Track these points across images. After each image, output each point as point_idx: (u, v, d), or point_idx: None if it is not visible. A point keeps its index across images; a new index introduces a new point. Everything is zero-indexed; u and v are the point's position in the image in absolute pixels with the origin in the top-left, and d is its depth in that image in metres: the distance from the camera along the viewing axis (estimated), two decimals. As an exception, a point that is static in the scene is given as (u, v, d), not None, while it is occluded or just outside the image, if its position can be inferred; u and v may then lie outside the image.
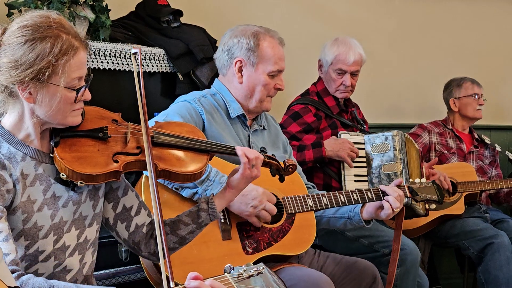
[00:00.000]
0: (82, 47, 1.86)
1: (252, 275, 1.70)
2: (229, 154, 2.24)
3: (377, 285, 2.76)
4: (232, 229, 2.54)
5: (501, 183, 4.02)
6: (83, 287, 1.72)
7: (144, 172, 2.46)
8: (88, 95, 1.90)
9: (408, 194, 2.81)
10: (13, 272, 1.67)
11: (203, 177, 2.44)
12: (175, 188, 2.47)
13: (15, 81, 1.78)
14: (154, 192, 1.84)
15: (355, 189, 2.78)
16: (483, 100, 4.25)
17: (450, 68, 4.60)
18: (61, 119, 1.87)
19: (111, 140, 1.97)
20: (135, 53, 2.05)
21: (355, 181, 3.39)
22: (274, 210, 2.55)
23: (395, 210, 2.70)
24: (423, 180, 2.92)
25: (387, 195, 2.71)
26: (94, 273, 2.10)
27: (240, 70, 2.80)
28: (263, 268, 1.74)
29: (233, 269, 1.71)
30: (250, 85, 2.79)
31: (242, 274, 1.70)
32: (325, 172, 3.47)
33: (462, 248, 3.87)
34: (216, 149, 2.19)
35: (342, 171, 3.40)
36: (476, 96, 4.23)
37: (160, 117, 2.65)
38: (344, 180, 3.38)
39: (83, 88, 1.86)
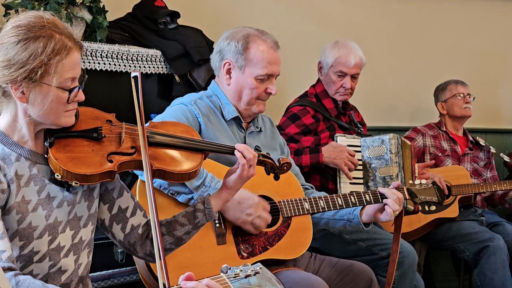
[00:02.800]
0: (75, 48, 1.85)
1: (249, 275, 1.70)
2: (227, 153, 2.23)
3: (374, 288, 2.76)
4: (227, 233, 2.53)
5: (495, 186, 4.02)
6: None
7: (139, 176, 2.46)
8: (81, 96, 1.90)
9: (407, 197, 2.80)
10: (10, 269, 1.68)
11: (198, 183, 2.43)
12: (170, 193, 2.46)
13: (8, 80, 1.79)
14: (150, 191, 1.84)
15: (353, 191, 2.77)
16: (470, 98, 4.26)
17: (446, 71, 4.61)
18: (54, 119, 1.87)
19: (105, 140, 1.97)
20: (134, 77, 2.02)
21: (351, 183, 3.39)
22: (269, 219, 2.54)
23: (394, 212, 2.70)
24: (423, 181, 2.91)
25: (386, 198, 2.70)
26: (90, 274, 2.09)
27: (228, 72, 2.78)
28: (260, 268, 1.73)
29: (229, 269, 1.71)
30: (237, 88, 2.77)
31: (239, 274, 1.70)
32: (322, 174, 3.47)
33: (458, 251, 3.88)
34: (213, 148, 2.19)
35: (337, 173, 3.39)
36: (461, 95, 4.25)
37: (155, 120, 2.63)
38: (340, 182, 3.38)
39: (76, 89, 1.86)
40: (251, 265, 1.75)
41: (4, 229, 1.74)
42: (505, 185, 4.03)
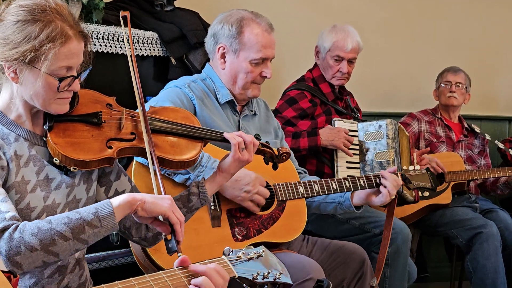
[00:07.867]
0: (76, 37, 1.82)
1: (251, 258, 1.70)
2: (218, 140, 2.22)
3: (366, 268, 2.77)
4: (222, 216, 2.53)
5: (488, 173, 4.04)
6: (80, 210, 1.72)
7: (135, 157, 2.45)
8: (76, 86, 1.87)
9: (401, 182, 2.81)
10: (11, 226, 1.66)
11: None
12: (167, 174, 2.45)
13: (1, 58, 1.78)
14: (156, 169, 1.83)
15: (347, 176, 2.78)
16: (458, 87, 4.24)
17: (443, 58, 4.62)
18: (44, 105, 1.85)
19: (105, 125, 1.95)
20: (124, 16, 2.01)
21: (347, 167, 3.40)
22: (267, 193, 2.55)
23: (391, 197, 2.71)
24: (417, 167, 2.92)
25: (381, 184, 2.72)
26: (85, 255, 2.09)
27: (223, 56, 2.76)
28: (263, 250, 1.74)
29: (232, 251, 1.71)
30: (232, 72, 2.75)
31: (241, 257, 1.70)
32: (318, 159, 3.47)
33: (451, 237, 3.90)
34: (213, 136, 2.18)
35: (335, 157, 3.40)
36: (447, 84, 4.25)
37: (151, 103, 2.61)
38: (337, 166, 3.39)
39: (68, 78, 1.83)
40: (254, 247, 1.75)
41: (6, 194, 1.74)
42: (498, 172, 4.05)
